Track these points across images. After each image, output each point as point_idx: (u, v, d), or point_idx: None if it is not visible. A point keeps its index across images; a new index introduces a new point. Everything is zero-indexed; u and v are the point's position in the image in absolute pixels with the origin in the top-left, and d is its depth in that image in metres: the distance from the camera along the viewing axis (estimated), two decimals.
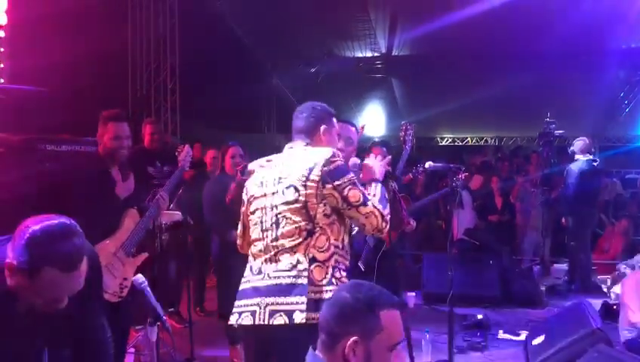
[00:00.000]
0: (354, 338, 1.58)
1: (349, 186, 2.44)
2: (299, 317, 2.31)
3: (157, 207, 3.77)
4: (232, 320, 2.51)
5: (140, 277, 2.49)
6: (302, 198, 2.43)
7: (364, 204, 2.46)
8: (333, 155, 2.48)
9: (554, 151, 7.54)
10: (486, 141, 15.18)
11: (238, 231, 2.75)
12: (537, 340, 4.63)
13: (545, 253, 8.20)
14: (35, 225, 1.86)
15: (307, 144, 2.60)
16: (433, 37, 9.62)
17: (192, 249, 6.21)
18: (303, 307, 2.32)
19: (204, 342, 5.07)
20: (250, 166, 2.75)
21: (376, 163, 2.84)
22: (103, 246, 3.43)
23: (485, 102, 11.54)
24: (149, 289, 2.48)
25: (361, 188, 2.51)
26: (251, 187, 2.63)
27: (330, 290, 2.35)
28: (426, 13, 9.37)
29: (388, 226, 2.55)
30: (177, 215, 4.73)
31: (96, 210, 3.35)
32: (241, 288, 2.56)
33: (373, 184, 2.71)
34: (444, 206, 8.45)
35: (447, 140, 15.39)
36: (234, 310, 2.53)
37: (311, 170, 2.44)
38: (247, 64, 11.34)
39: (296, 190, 2.45)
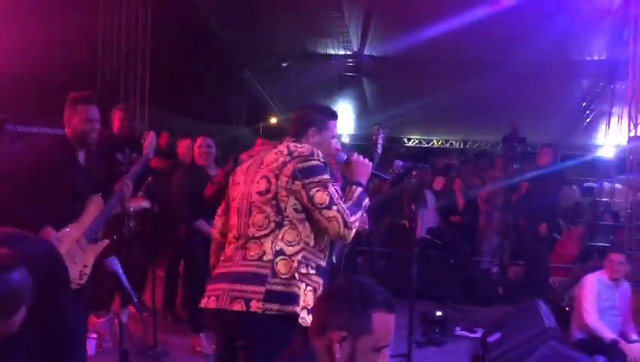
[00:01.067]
0: (342, 333, 1.59)
1: (318, 187, 2.44)
2: (254, 306, 2.36)
3: (120, 195, 3.68)
4: (202, 303, 2.56)
5: (113, 259, 2.50)
6: (273, 189, 2.48)
7: (329, 208, 2.43)
8: (311, 154, 2.52)
9: (517, 155, 7.75)
10: (451, 144, 15.40)
11: (218, 210, 2.79)
12: (493, 337, 4.78)
13: (504, 255, 8.41)
14: None
15: (295, 141, 2.64)
16: (406, 39, 9.74)
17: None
18: (260, 297, 2.37)
19: (167, 329, 5.10)
20: (243, 156, 2.79)
21: (362, 164, 2.72)
22: (66, 232, 3.37)
23: (453, 106, 11.73)
24: (121, 271, 2.50)
25: (333, 190, 2.48)
26: (238, 172, 2.68)
27: (292, 285, 2.40)
28: (399, 15, 9.48)
29: (352, 233, 2.49)
30: (145, 202, 4.71)
31: (60, 194, 3.32)
32: (214, 273, 2.62)
33: (354, 186, 2.64)
34: (409, 205, 8.58)
35: (414, 141, 15.56)
36: (205, 294, 2.57)
37: (285, 163, 2.49)
38: (219, 55, 11.30)
39: (269, 181, 2.49)
